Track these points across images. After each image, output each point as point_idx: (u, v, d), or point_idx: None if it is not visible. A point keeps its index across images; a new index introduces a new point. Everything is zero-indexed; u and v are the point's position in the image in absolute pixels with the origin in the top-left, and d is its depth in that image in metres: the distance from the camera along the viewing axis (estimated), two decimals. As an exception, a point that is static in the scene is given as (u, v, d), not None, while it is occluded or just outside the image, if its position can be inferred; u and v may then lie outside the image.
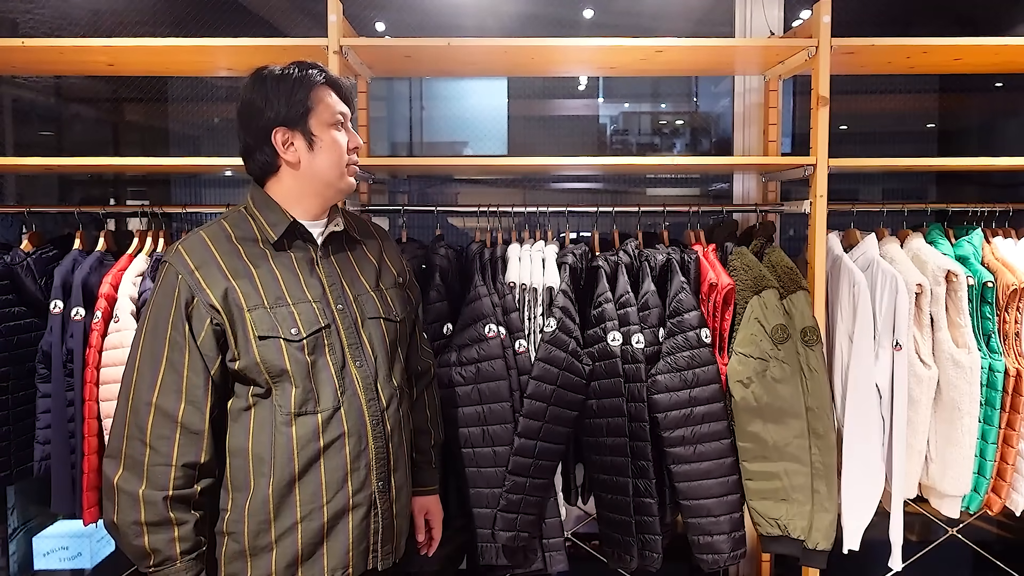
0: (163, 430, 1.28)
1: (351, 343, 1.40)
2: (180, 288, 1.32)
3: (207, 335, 1.31)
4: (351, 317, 1.42)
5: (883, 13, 2.81)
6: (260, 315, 1.33)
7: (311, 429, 1.34)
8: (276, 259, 1.40)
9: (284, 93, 1.36)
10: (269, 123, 1.37)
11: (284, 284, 1.38)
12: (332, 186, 1.43)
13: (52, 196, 2.87)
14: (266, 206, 1.42)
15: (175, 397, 1.29)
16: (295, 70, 1.38)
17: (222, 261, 1.35)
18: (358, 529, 1.37)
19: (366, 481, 1.38)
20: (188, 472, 1.29)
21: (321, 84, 1.40)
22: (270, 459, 1.32)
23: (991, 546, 2.76)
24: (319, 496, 1.34)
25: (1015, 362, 2.00)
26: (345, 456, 1.36)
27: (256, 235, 1.41)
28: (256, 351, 1.32)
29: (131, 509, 1.27)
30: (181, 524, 1.28)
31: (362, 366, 1.40)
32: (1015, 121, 2.97)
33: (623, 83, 2.96)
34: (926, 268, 2.03)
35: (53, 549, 2.47)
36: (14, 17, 2.71)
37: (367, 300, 1.47)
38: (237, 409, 1.36)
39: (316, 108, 1.38)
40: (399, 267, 1.61)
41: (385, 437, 1.41)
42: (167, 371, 1.30)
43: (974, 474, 2.03)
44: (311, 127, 1.38)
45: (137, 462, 1.28)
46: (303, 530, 1.33)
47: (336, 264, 1.46)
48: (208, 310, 1.31)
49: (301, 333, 1.34)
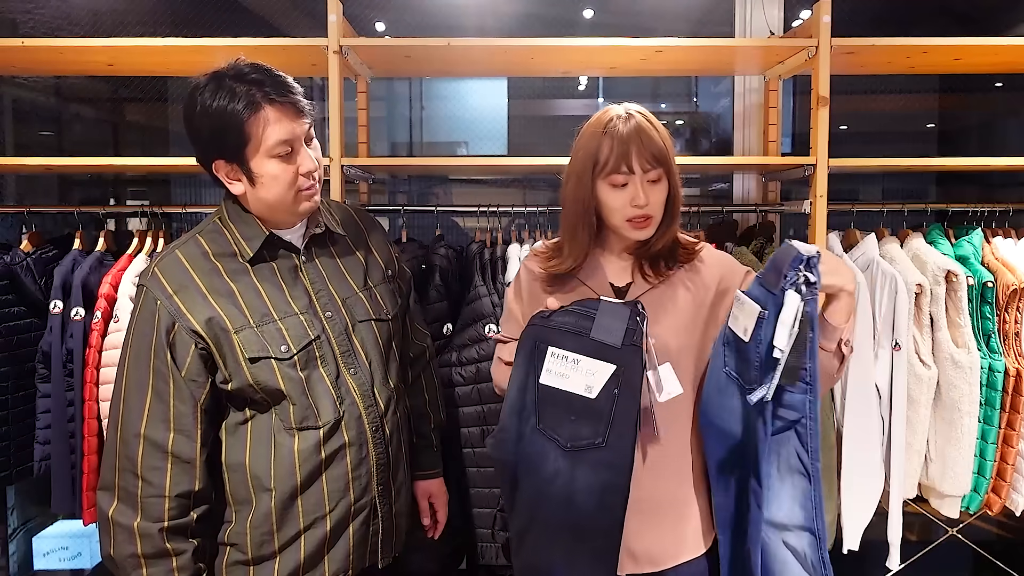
0: (154, 461, 1.25)
1: (343, 351, 1.36)
2: (160, 315, 1.26)
3: (192, 361, 1.26)
4: (341, 323, 1.37)
5: (883, 13, 2.81)
6: (247, 336, 1.28)
7: (312, 443, 1.31)
8: (257, 272, 1.33)
9: (214, 128, 1.24)
10: (206, 155, 1.29)
11: (268, 299, 1.32)
12: (287, 212, 1.33)
13: (52, 196, 2.87)
14: (239, 219, 1.34)
15: (163, 427, 1.25)
16: (225, 101, 1.22)
17: (201, 282, 1.29)
18: (359, 534, 1.37)
19: (367, 487, 1.37)
20: (182, 502, 1.26)
21: (260, 111, 1.23)
22: (270, 474, 1.30)
23: (991, 546, 2.75)
24: (322, 506, 1.32)
25: (1015, 362, 2.00)
26: (347, 466, 1.34)
27: (233, 249, 1.33)
28: (248, 373, 1.27)
29: (127, 543, 1.24)
30: (179, 554, 1.26)
31: (357, 373, 1.37)
32: (1015, 121, 2.97)
33: (623, 83, 2.96)
34: (926, 268, 2.03)
35: (53, 549, 2.47)
36: (14, 17, 2.71)
37: (356, 302, 1.41)
38: (234, 423, 1.33)
39: (253, 141, 1.24)
40: (387, 258, 1.54)
41: (385, 442, 1.39)
42: (153, 401, 1.26)
43: (974, 474, 2.03)
44: (248, 162, 1.26)
45: (131, 494, 1.25)
46: (307, 539, 1.32)
47: (321, 267, 1.40)
48: (191, 335, 1.26)
49: (291, 349, 1.30)
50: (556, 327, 1.29)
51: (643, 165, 1.30)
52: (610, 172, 1.31)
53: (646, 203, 1.31)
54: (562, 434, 1.26)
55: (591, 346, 1.26)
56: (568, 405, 1.26)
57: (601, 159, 1.31)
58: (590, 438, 1.25)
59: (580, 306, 1.30)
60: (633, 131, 1.29)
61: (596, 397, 1.25)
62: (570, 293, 1.41)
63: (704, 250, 1.44)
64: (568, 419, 1.26)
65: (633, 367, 1.24)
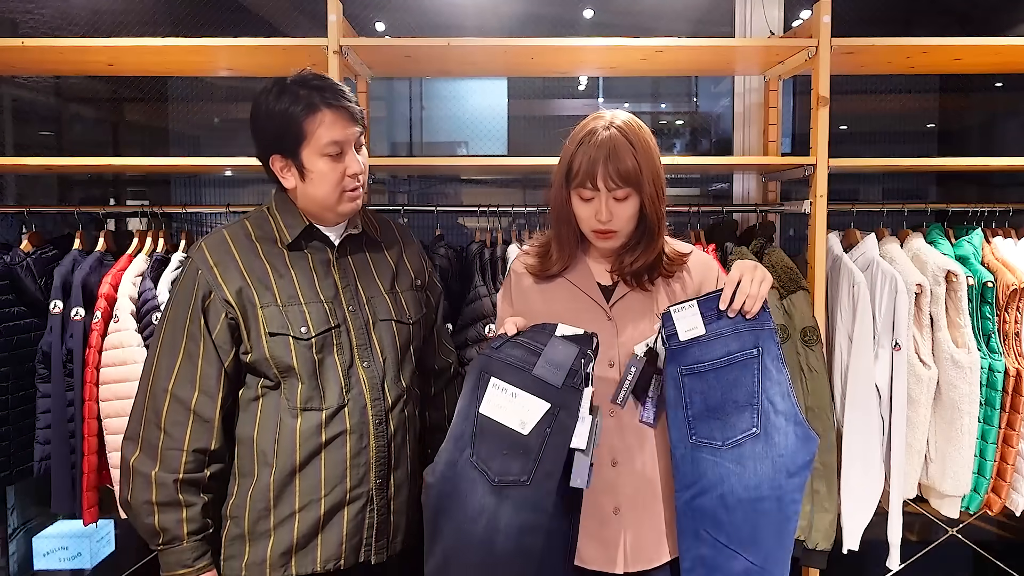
0: (178, 416, 1.35)
1: (360, 344, 1.44)
2: (199, 283, 1.38)
3: (222, 328, 1.37)
4: (362, 318, 1.45)
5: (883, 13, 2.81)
6: (272, 312, 1.38)
7: (314, 424, 1.38)
8: (292, 259, 1.44)
9: (276, 126, 1.36)
10: (265, 151, 1.40)
11: (298, 284, 1.42)
12: (330, 210, 1.43)
13: (52, 196, 2.87)
14: (285, 209, 1.46)
15: (190, 386, 1.36)
16: (287, 104, 1.35)
17: (240, 259, 1.40)
18: (352, 523, 1.41)
19: (364, 477, 1.41)
20: (199, 457, 1.36)
21: (317, 112, 1.36)
22: (273, 450, 1.37)
23: (991, 546, 2.76)
24: (318, 488, 1.38)
25: (1015, 362, 2.00)
26: (346, 452, 1.39)
27: (275, 235, 1.45)
28: (266, 346, 1.37)
29: (144, 489, 1.34)
30: (190, 506, 1.35)
31: (370, 367, 1.44)
32: (1015, 121, 2.97)
33: (623, 83, 2.96)
34: (926, 268, 2.03)
35: (53, 549, 2.47)
36: (14, 17, 2.71)
37: (380, 302, 1.49)
38: (247, 399, 1.41)
39: (309, 139, 1.36)
40: (418, 268, 1.62)
41: (388, 436, 1.44)
42: (184, 361, 1.37)
43: (974, 474, 2.03)
44: (303, 159, 1.37)
45: (152, 445, 1.35)
46: (300, 520, 1.38)
47: (353, 266, 1.49)
48: (223, 305, 1.37)
49: (311, 332, 1.38)
50: (501, 359, 1.31)
51: (607, 184, 1.30)
52: (578, 186, 1.32)
53: (609, 219, 1.32)
54: (492, 467, 1.27)
55: (531, 382, 1.28)
56: (503, 438, 1.27)
57: (573, 170, 1.33)
58: (517, 475, 1.26)
59: (531, 339, 1.31)
60: (605, 147, 1.29)
61: (528, 434, 1.26)
62: (557, 290, 1.43)
63: (692, 255, 1.46)
64: (501, 453, 1.27)
65: (570, 408, 1.26)
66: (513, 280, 1.50)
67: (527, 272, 1.47)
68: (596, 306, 1.41)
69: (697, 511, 1.33)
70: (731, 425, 1.32)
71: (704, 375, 1.33)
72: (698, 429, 1.33)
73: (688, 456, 1.33)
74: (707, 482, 1.32)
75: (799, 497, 1.32)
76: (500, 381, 1.29)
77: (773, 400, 1.32)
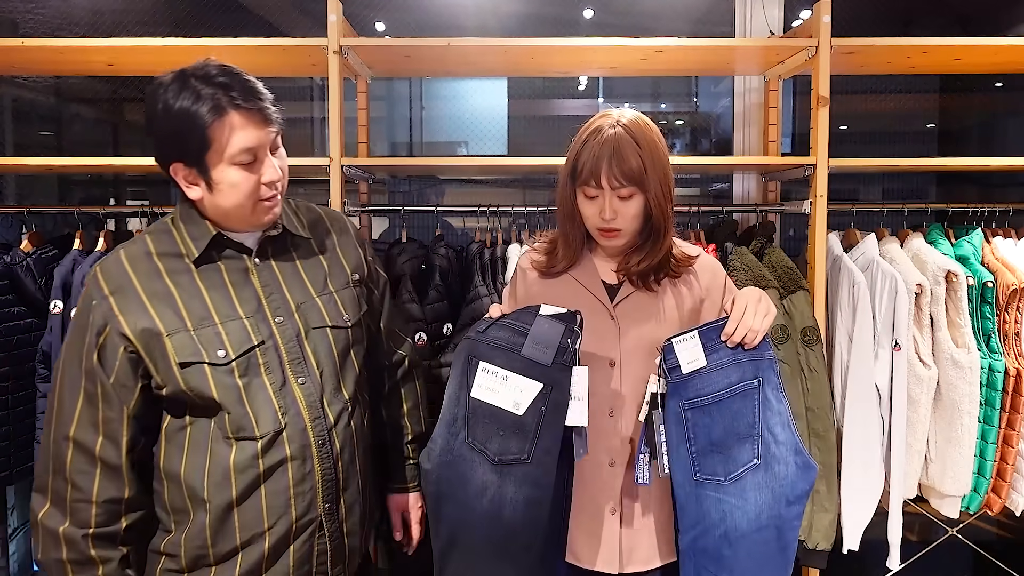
0: (82, 465, 1.22)
1: (292, 358, 1.28)
2: (94, 316, 1.22)
3: (121, 365, 1.22)
4: (293, 329, 1.29)
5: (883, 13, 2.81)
6: (181, 339, 1.22)
7: (250, 455, 1.23)
8: (202, 274, 1.27)
9: (175, 129, 1.18)
10: (165, 158, 1.22)
11: (211, 302, 1.25)
12: (244, 220, 1.27)
13: (52, 196, 2.88)
14: (190, 219, 1.28)
15: (92, 431, 1.22)
16: (189, 102, 1.16)
17: (139, 283, 1.24)
18: (301, 553, 1.28)
19: (312, 504, 1.27)
20: (111, 508, 1.23)
21: (224, 115, 1.17)
22: (204, 485, 1.23)
23: (991, 546, 2.76)
24: (260, 522, 1.24)
25: (1015, 362, 2.00)
26: (288, 481, 1.25)
27: (180, 250, 1.27)
28: (180, 379, 1.21)
29: (53, 547, 1.22)
30: (105, 562, 1.23)
31: (305, 383, 1.28)
32: (1015, 121, 2.97)
33: (623, 83, 2.96)
34: (926, 268, 2.03)
35: (53, 549, 2.47)
36: (14, 17, 2.71)
37: (311, 308, 1.33)
38: (173, 429, 1.27)
39: (216, 147, 1.18)
40: (355, 262, 1.44)
41: (333, 457, 1.30)
42: (84, 403, 1.22)
43: (974, 474, 2.03)
44: (209, 168, 1.20)
45: (61, 498, 1.22)
46: (244, 556, 1.25)
47: (277, 270, 1.33)
48: (121, 339, 1.21)
49: (229, 355, 1.23)
50: (488, 342, 1.31)
51: (611, 183, 1.29)
52: (582, 183, 1.32)
53: (612, 218, 1.32)
54: (491, 448, 1.28)
55: (520, 363, 1.28)
56: (498, 419, 1.28)
57: (578, 168, 1.32)
58: (517, 453, 1.27)
59: (517, 320, 1.31)
60: (610, 146, 1.28)
61: (523, 414, 1.27)
62: (562, 287, 1.43)
63: (700, 258, 1.45)
64: (497, 433, 1.28)
65: (561, 385, 1.27)
66: (519, 276, 1.50)
67: (533, 268, 1.47)
68: (600, 305, 1.40)
69: (700, 552, 1.31)
70: (733, 459, 1.29)
71: (707, 408, 1.30)
72: (702, 465, 1.31)
73: (693, 495, 1.31)
74: (710, 521, 1.30)
75: (797, 524, 1.30)
76: (490, 365, 1.29)
77: (774, 431, 1.29)
